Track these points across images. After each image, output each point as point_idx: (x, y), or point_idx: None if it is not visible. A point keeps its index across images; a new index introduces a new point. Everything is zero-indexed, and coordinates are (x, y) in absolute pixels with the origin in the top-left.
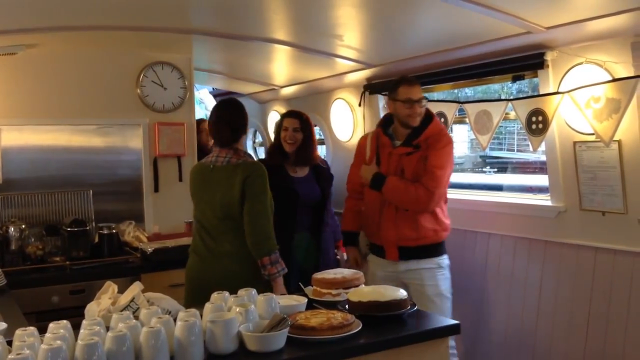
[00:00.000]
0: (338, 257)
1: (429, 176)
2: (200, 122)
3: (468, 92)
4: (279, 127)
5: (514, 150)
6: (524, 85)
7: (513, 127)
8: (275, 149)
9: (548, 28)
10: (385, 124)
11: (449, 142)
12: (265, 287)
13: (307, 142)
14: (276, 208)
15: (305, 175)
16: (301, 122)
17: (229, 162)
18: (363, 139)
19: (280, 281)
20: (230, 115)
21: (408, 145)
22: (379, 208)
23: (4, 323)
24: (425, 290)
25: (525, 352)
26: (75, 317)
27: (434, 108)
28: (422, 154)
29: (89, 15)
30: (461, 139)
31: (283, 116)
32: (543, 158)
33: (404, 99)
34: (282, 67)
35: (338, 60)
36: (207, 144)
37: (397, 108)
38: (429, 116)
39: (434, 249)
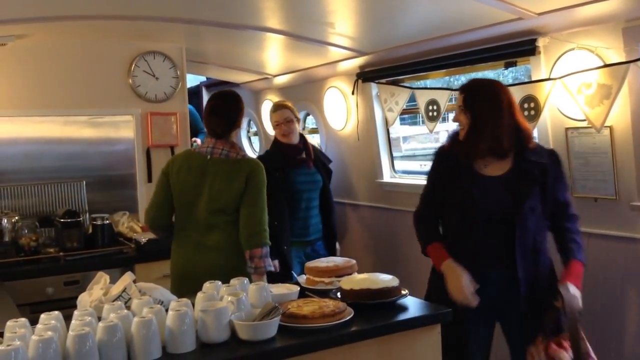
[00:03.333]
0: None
1: None
2: None
3: (464, 80)
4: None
5: None
6: (520, 72)
7: None
8: (455, 133)
9: (539, 14)
10: None
11: None
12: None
13: (479, 125)
14: (451, 222)
15: (503, 174)
16: (467, 96)
17: (227, 156)
18: None
19: (263, 279)
20: (228, 107)
21: None
22: None
23: None
24: None
25: None
26: (70, 308)
27: (427, 95)
28: None
29: (80, 5)
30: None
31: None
32: None
33: None
34: (275, 55)
35: (331, 48)
36: None
37: None
38: None
39: None
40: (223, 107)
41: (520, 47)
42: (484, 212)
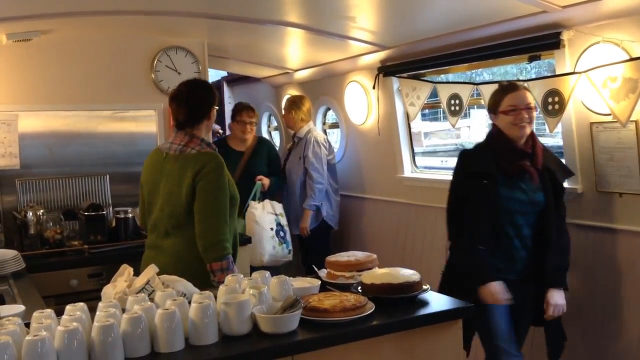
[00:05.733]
0: None
1: None
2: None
3: (486, 75)
4: None
5: None
6: (543, 67)
7: None
8: None
9: (564, 7)
10: None
11: None
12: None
13: None
14: None
15: None
16: None
17: (181, 152)
18: None
19: None
20: (192, 94)
21: None
22: None
23: (21, 306)
24: None
25: None
26: (94, 300)
27: (449, 89)
28: None
29: (104, 0)
30: (480, 122)
31: None
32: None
33: None
34: (295, 50)
35: (352, 42)
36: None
37: None
38: None
39: None
40: (186, 94)
41: (544, 40)
42: None
